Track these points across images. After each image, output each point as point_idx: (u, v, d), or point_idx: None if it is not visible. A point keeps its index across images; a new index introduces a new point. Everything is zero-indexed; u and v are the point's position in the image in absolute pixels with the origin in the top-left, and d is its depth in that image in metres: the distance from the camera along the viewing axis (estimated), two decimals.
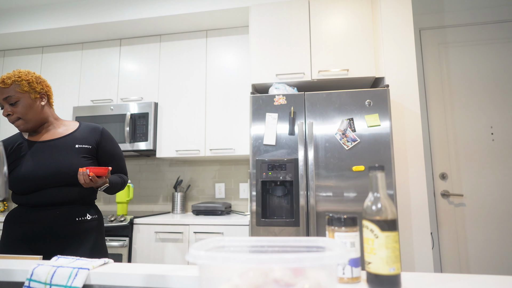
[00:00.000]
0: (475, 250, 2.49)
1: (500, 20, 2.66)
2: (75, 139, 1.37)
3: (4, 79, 1.31)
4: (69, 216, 1.30)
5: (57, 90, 2.94)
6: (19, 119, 1.32)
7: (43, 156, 1.30)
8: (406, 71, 2.18)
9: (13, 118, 1.31)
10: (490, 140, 2.57)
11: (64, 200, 1.30)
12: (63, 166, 1.28)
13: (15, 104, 1.31)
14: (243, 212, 2.71)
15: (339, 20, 2.29)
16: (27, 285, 0.72)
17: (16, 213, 1.31)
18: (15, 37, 2.90)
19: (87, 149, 1.36)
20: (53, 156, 1.31)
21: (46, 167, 1.28)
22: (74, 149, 1.34)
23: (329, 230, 0.67)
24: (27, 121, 1.33)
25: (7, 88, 1.31)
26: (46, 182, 1.27)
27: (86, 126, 1.43)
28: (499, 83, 2.61)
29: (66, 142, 1.35)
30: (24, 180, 1.26)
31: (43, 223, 1.26)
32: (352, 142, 1.96)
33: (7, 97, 1.30)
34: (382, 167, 0.66)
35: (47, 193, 1.28)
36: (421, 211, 2.03)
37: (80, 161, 1.32)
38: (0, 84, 1.31)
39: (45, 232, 1.26)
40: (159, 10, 2.62)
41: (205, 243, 0.52)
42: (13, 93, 1.31)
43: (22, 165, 1.29)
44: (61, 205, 1.30)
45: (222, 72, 2.68)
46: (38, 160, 1.29)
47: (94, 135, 1.41)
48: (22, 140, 1.36)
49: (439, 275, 0.69)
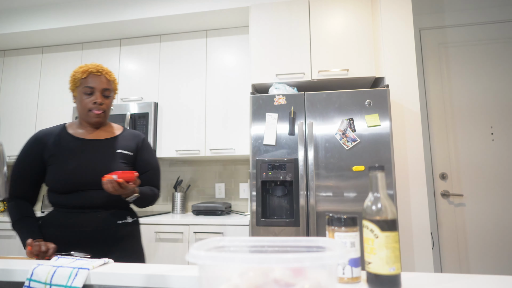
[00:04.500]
0: (475, 250, 2.49)
1: (500, 20, 2.66)
2: (118, 144, 1.34)
3: (108, 72, 1.33)
4: (112, 219, 1.26)
5: (57, 90, 2.94)
6: (103, 112, 1.31)
7: (86, 156, 1.26)
8: (406, 71, 2.18)
9: (101, 109, 1.29)
10: (490, 140, 2.57)
11: (105, 203, 1.25)
12: (106, 169, 1.24)
13: (107, 98, 1.32)
14: (243, 212, 2.71)
15: (339, 20, 2.29)
16: (27, 285, 0.72)
17: (53, 216, 1.24)
18: (15, 37, 2.90)
19: (127, 156, 1.33)
20: (97, 157, 1.27)
21: (89, 167, 1.23)
22: (116, 153, 1.30)
23: (329, 230, 0.67)
24: (106, 116, 1.34)
25: (110, 81, 1.33)
26: (87, 183, 1.22)
27: (129, 132, 1.41)
28: (499, 84, 2.61)
29: (109, 145, 1.31)
30: (66, 177, 1.21)
31: (85, 226, 1.20)
32: (352, 142, 1.96)
33: (107, 89, 1.30)
34: (382, 167, 0.66)
35: (87, 194, 1.22)
36: (421, 211, 2.03)
37: (120, 166, 1.28)
38: (106, 75, 1.31)
39: (87, 236, 1.21)
40: (159, 10, 2.62)
41: (205, 243, 0.52)
42: (111, 87, 1.33)
43: (64, 161, 1.23)
44: (101, 208, 1.25)
45: (222, 72, 2.68)
46: (81, 159, 1.24)
47: (136, 142, 1.38)
48: (65, 134, 1.31)
49: (439, 275, 0.69)
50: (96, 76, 1.28)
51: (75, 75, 1.29)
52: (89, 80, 1.28)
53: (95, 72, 1.28)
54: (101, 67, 1.31)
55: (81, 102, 1.29)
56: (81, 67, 1.29)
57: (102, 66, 1.32)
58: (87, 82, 1.28)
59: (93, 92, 1.28)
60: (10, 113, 2.99)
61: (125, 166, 1.29)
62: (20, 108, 2.97)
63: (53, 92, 2.94)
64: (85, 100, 1.28)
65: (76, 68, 1.31)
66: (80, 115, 1.32)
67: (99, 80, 1.29)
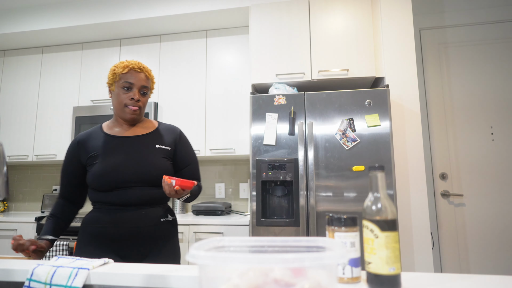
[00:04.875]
0: (475, 250, 2.49)
1: (500, 20, 2.66)
2: (156, 139, 1.32)
3: (148, 70, 1.33)
4: (155, 217, 1.24)
5: (57, 90, 2.94)
6: (139, 109, 1.29)
7: (125, 153, 1.25)
8: (406, 71, 2.18)
9: (137, 105, 1.28)
10: (490, 140, 2.57)
11: (147, 200, 1.23)
12: (147, 165, 1.23)
13: (144, 95, 1.31)
14: (243, 212, 2.71)
15: (339, 20, 2.29)
16: (27, 285, 0.72)
17: (94, 214, 1.24)
18: (15, 37, 2.90)
19: (166, 151, 1.31)
20: (136, 154, 1.25)
21: (130, 164, 1.23)
22: (155, 149, 1.29)
23: (329, 230, 0.67)
24: (142, 113, 1.33)
25: (148, 80, 1.32)
26: (130, 180, 1.21)
27: (165, 126, 1.39)
28: (499, 83, 2.61)
29: (147, 141, 1.30)
30: (108, 175, 1.20)
31: (128, 223, 1.19)
32: (352, 142, 1.96)
33: (145, 87, 1.30)
34: (382, 167, 0.66)
35: (129, 191, 1.21)
36: (421, 211, 2.03)
37: (161, 161, 1.27)
38: (146, 73, 1.31)
39: (131, 233, 1.19)
40: (159, 10, 2.62)
41: (205, 243, 0.52)
42: (149, 85, 1.33)
43: (105, 159, 1.23)
44: (144, 205, 1.23)
45: (222, 72, 2.68)
46: (120, 156, 1.24)
47: (173, 136, 1.36)
48: (103, 133, 1.31)
49: (439, 275, 0.69)
50: (137, 72, 1.28)
51: (115, 70, 1.29)
52: (129, 75, 1.27)
53: (136, 68, 1.28)
54: (142, 65, 1.31)
55: (118, 97, 1.28)
56: (122, 62, 1.30)
57: (143, 64, 1.32)
58: (126, 77, 1.27)
59: (131, 88, 1.27)
60: (10, 113, 2.98)
61: (166, 161, 1.28)
62: (20, 108, 2.97)
63: (53, 92, 2.94)
64: (122, 95, 1.27)
65: (117, 63, 1.30)
66: (116, 111, 1.30)
67: (139, 76, 1.28)
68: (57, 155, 2.82)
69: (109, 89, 1.33)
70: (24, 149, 2.89)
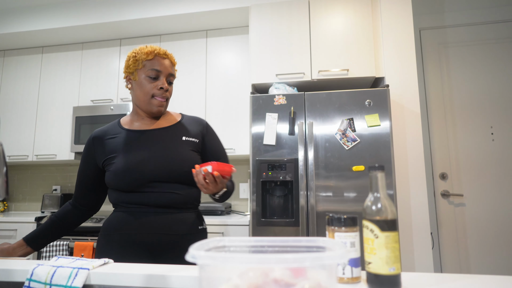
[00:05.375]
0: (475, 250, 2.49)
1: (500, 20, 2.66)
2: (181, 131, 1.18)
3: (172, 56, 1.19)
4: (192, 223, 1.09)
5: (57, 90, 2.94)
6: (166, 101, 1.16)
7: (149, 147, 1.11)
8: (406, 71, 2.18)
9: (165, 96, 1.14)
10: (490, 140, 2.57)
11: (180, 202, 1.08)
12: (174, 159, 1.08)
13: (170, 84, 1.18)
14: (243, 212, 2.71)
15: (339, 20, 2.29)
16: (27, 285, 0.72)
17: (120, 217, 1.07)
18: (15, 37, 2.90)
19: (194, 143, 1.16)
20: (162, 147, 1.11)
21: (156, 158, 1.08)
22: (182, 141, 1.14)
23: (329, 230, 0.67)
24: (166, 107, 1.19)
25: (173, 67, 1.19)
26: (157, 177, 1.06)
27: (189, 118, 1.25)
28: (499, 83, 2.61)
29: (172, 133, 1.16)
30: (131, 172, 1.05)
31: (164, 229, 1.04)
32: (352, 142, 1.96)
33: (172, 75, 1.16)
34: (382, 167, 0.66)
35: (158, 191, 1.06)
36: (421, 211, 2.03)
37: (190, 155, 1.12)
38: (171, 59, 1.18)
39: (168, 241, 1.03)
40: (159, 10, 2.62)
41: (205, 243, 0.52)
42: (175, 73, 1.19)
43: (126, 155, 1.09)
44: (176, 207, 1.08)
45: (222, 72, 2.68)
46: (145, 151, 1.10)
47: (199, 128, 1.22)
48: (121, 129, 1.17)
49: (439, 275, 0.69)
50: (163, 58, 1.14)
51: (137, 56, 1.13)
52: (155, 62, 1.12)
53: (162, 54, 1.14)
54: (166, 51, 1.17)
55: (142, 87, 1.12)
56: (144, 47, 1.14)
57: (167, 51, 1.20)
58: (153, 64, 1.12)
59: (158, 76, 1.13)
60: (10, 113, 2.98)
61: (196, 154, 1.14)
62: (20, 108, 2.97)
63: (53, 92, 2.94)
64: (148, 85, 1.12)
65: (136, 49, 1.16)
66: (139, 103, 1.15)
67: (165, 63, 1.14)
68: (57, 155, 2.82)
69: (128, 79, 1.17)
70: (24, 149, 2.89)
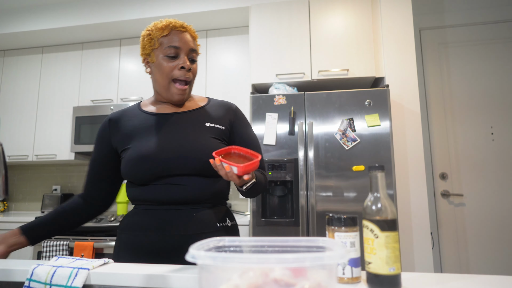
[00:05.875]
0: (475, 250, 2.49)
1: (500, 20, 2.66)
2: (206, 116, 1.02)
3: (192, 29, 1.02)
4: (209, 221, 0.94)
5: (57, 90, 2.94)
6: (188, 85, 1.00)
7: (167, 132, 0.97)
8: (406, 71, 2.18)
9: (188, 78, 0.98)
10: (490, 140, 2.57)
11: (198, 196, 0.94)
12: (194, 147, 0.93)
13: (193, 63, 1.01)
14: (243, 212, 2.71)
15: (339, 20, 2.29)
16: (27, 285, 0.72)
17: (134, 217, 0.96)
18: (15, 37, 2.90)
19: (219, 131, 1.01)
20: (179, 134, 0.97)
21: (173, 146, 0.94)
22: (204, 127, 0.99)
23: (329, 230, 0.67)
24: (189, 92, 1.03)
25: (194, 41, 1.01)
26: (173, 167, 0.92)
27: (217, 102, 1.08)
28: (499, 83, 2.61)
29: (194, 118, 1.01)
30: (145, 161, 0.92)
31: (176, 229, 0.91)
32: (352, 142, 1.96)
33: (193, 50, 0.99)
34: (382, 167, 0.66)
35: (174, 183, 0.93)
36: (421, 211, 2.03)
37: (211, 142, 0.96)
38: (191, 32, 1.01)
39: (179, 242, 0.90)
40: (159, 10, 2.62)
41: (205, 243, 0.52)
42: (197, 49, 1.01)
43: (141, 141, 0.96)
44: (194, 203, 0.94)
45: (222, 72, 2.68)
46: (162, 136, 0.96)
47: (228, 114, 1.05)
48: (138, 112, 1.03)
49: (439, 275, 0.69)
50: (181, 32, 0.97)
51: (151, 33, 0.98)
52: (172, 37, 0.96)
53: (179, 27, 0.97)
54: (185, 23, 0.99)
55: (161, 69, 0.97)
56: (159, 22, 0.98)
57: (185, 23, 1.01)
58: (169, 40, 0.96)
59: (178, 54, 0.96)
60: (10, 113, 2.98)
61: (218, 143, 0.98)
62: (20, 108, 2.97)
63: (53, 92, 2.94)
64: (167, 66, 0.96)
65: (150, 26, 0.99)
66: (158, 88, 1.00)
67: (185, 37, 0.97)
68: (57, 155, 2.82)
69: (146, 63, 1.02)
70: (24, 149, 2.89)
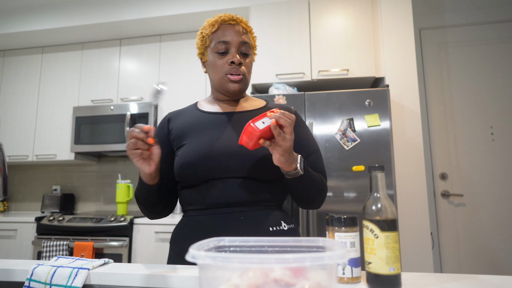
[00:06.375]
0: (475, 250, 2.49)
1: (500, 20, 2.66)
2: None
3: (245, 21, 0.99)
4: (259, 224, 0.87)
5: (57, 90, 2.94)
6: (243, 78, 0.95)
7: (223, 130, 0.94)
8: (406, 71, 2.18)
9: (240, 72, 0.94)
10: (490, 140, 2.57)
11: (248, 198, 0.89)
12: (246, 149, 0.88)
13: (246, 56, 0.98)
14: None
15: (339, 20, 2.29)
16: (27, 285, 0.72)
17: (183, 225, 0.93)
18: (15, 37, 2.90)
19: None
20: (234, 133, 0.93)
21: (228, 145, 0.90)
22: None
23: (329, 230, 0.67)
24: (247, 83, 0.98)
25: (247, 34, 0.99)
26: (227, 167, 0.88)
27: (275, 105, 1.05)
28: (499, 83, 2.61)
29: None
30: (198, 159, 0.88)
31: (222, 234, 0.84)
32: (352, 142, 1.96)
33: (245, 43, 0.96)
34: (382, 167, 0.66)
35: (226, 184, 0.88)
36: (421, 211, 2.03)
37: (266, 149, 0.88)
38: (243, 25, 0.97)
39: None
40: (159, 10, 2.62)
41: (205, 243, 0.52)
42: (250, 40, 0.99)
43: (195, 139, 0.93)
44: (244, 205, 0.89)
45: None
46: (217, 135, 0.93)
47: None
48: (195, 111, 1.02)
49: (439, 275, 0.69)
50: (230, 26, 0.96)
51: (203, 32, 0.98)
52: (221, 33, 0.95)
53: (228, 21, 0.96)
54: (236, 16, 0.98)
55: (213, 67, 0.96)
56: (210, 19, 0.98)
57: (237, 15, 0.99)
58: (218, 36, 0.95)
59: (228, 49, 0.95)
60: (10, 113, 2.98)
61: None
62: (20, 108, 2.97)
63: (53, 92, 2.94)
64: (218, 63, 0.95)
65: (204, 23, 0.99)
66: (215, 85, 0.99)
67: (234, 31, 0.95)
68: (57, 155, 2.82)
69: (202, 62, 1.02)
70: (24, 149, 2.89)
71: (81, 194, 3.08)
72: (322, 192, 0.94)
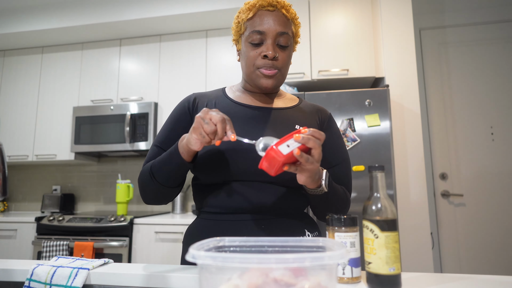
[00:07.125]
0: (475, 250, 2.49)
1: (500, 20, 2.66)
2: (296, 118, 0.89)
3: (286, 6, 0.86)
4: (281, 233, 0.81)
5: (57, 90, 2.94)
6: (277, 73, 0.86)
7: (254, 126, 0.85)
8: (406, 71, 2.18)
9: (274, 66, 0.84)
10: (490, 140, 2.57)
11: (273, 205, 0.82)
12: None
13: (284, 49, 0.86)
14: None
15: (339, 20, 2.29)
16: (27, 285, 0.72)
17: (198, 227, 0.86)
18: (15, 37, 2.90)
19: None
20: (267, 131, 0.84)
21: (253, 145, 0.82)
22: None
23: (329, 230, 0.67)
24: (280, 80, 0.88)
25: (288, 21, 0.86)
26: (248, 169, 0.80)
27: (308, 104, 0.96)
28: (499, 83, 2.61)
29: (284, 118, 0.88)
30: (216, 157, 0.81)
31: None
32: (352, 142, 1.96)
33: (283, 34, 0.84)
34: (382, 167, 0.66)
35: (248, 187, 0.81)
36: (421, 211, 2.03)
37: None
38: (283, 10, 0.85)
39: None
40: (159, 10, 2.62)
41: (205, 243, 0.52)
42: (291, 30, 0.87)
43: None
44: (265, 212, 0.82)
45: (222, 72, 2.68)
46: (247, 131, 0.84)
47: (319, 118, 0.93)
48: (223, 98, 0.92)
49: (439, 275, 0.69)
50: (268, 13, 0.84)
51: (239, 16, 0.89)
52: (258, 20, 0.84)
53: (267, 6, 0.84)
54: (276, 0, 0.85)
55: (245, 58, 0.86)
56: (248, 2, 0.88)
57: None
58: (254, 24, 0.84)
59: (262, 40, 0.84)
60: (10, 113, 2.98)
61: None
62: (20, 108, 2.97)
63: (53, 92, 2.94)
64: (250, 53, 0.85)
65: (242, 6, 0.90)
66: (245, 76, 0.90)
67: (272, 18, 0.83)
68: (57, 155, 2.82)
69: (236, 50, 0.94)
70: (24, 149, 2.89)
71: (81, 194, 3.08)
72: (344, 209, 0.87)
